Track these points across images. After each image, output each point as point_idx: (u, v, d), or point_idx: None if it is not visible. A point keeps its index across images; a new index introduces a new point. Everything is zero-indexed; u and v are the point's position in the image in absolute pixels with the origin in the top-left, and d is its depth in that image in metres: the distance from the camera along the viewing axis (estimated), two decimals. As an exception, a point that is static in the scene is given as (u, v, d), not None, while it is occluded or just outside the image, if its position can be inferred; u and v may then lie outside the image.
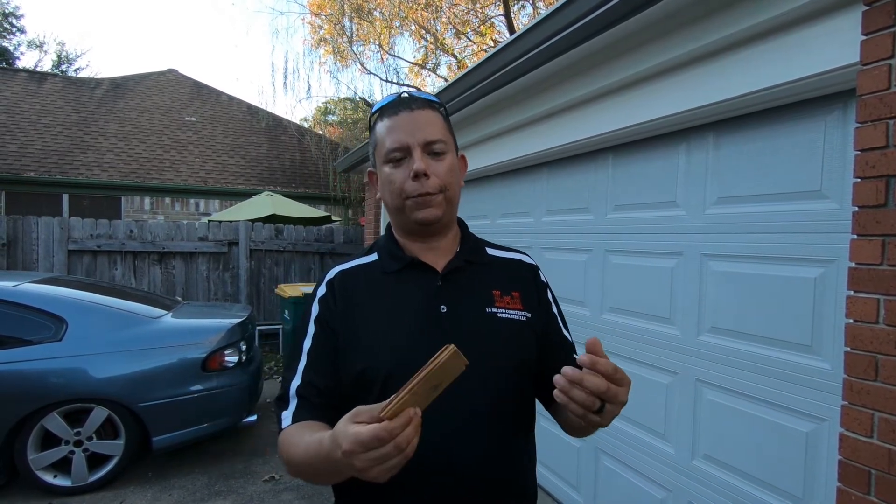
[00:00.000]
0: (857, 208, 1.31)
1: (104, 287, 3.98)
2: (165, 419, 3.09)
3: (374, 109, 0.95)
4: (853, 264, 1.32)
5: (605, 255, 2.42)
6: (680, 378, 1.99)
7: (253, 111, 12.09)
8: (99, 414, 3.00)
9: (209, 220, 6.92)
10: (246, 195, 9.03)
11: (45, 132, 9.14)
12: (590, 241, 2.52)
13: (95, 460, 3.05)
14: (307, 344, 0.90)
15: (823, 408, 1.51)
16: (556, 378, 0.68)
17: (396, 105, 0.90)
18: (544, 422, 2.86)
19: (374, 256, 0.97)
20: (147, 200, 8.96)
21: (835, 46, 1.39)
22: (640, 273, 2.21)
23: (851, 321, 1.32)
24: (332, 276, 0.95)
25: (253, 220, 6.72)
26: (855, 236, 1.32)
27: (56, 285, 3.43)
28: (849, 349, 1.32)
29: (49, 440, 2.97)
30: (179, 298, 5.40)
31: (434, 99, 0.95)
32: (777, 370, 1.64)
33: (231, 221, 6.58)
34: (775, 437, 1.64)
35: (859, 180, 1.31)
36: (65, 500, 2.94)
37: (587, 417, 0.70)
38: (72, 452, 2.98)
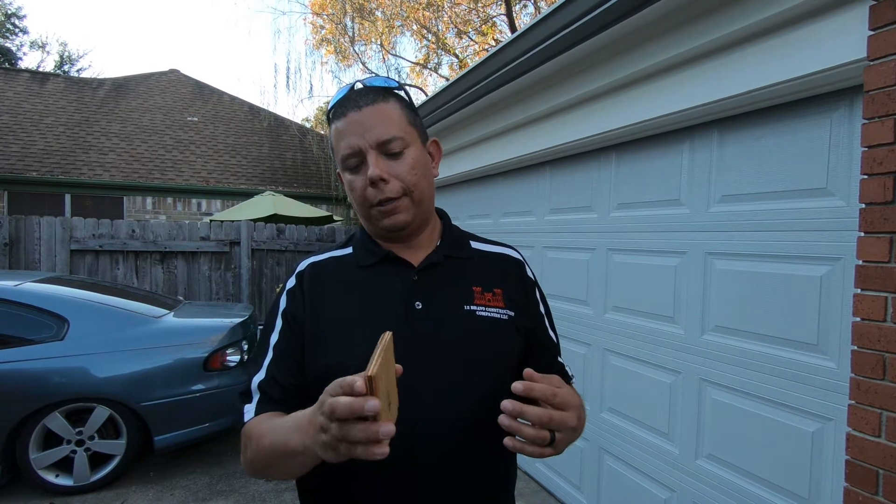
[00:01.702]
0: (864, 205, 1.30)
1: (106, 287, 3.98)
2: (167, 419, 3.08)
3: (328, 107, 0.87)
4: (860, 262, 1.31)
5: (608, 253, 2.41)
6: (684, 377, 1.98)
7: (255, 111, 12.10)
8: (100, 413, 3.00)
9: (211, 220, 6.92)
10: (248, 195, 9.04)
11: (47, 132, 9.16)
12: (593, 239, 2.50)
13: (97, 460, 3.05)
14: (273, 338, 0.86)
15: (829, 407, 1.49)
16: (501, 419, 0.64)
17: (344, 104, 0.83)
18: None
19: (348, 249, 0.92)
20: (149, 200, 8.97)
21: (841, 42, 1.37)
22: (643, 272, 2.19)
23: (858, 319, 1.30)
24: (302, 269, 0.90)
25: (255, 220, 6.71)
26: (862, 234, 1.30)
27: (58, 285, 3.43)
28: (856, 348, 1.31)
29: (51, 440, 2.96)
30: (181, 298, 5.41)
31: (388, 84, 0.86)
32: (782, 369, 1.62)
33: (233, 221, 6.58)
34: (780, 436, 1.63)
35: (866, 177, 1.29)
36: (66, 499, 2.93)
37: (543, 454, 0.67)
38: (73, 452, 2.97)
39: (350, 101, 0.82)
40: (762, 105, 1.69)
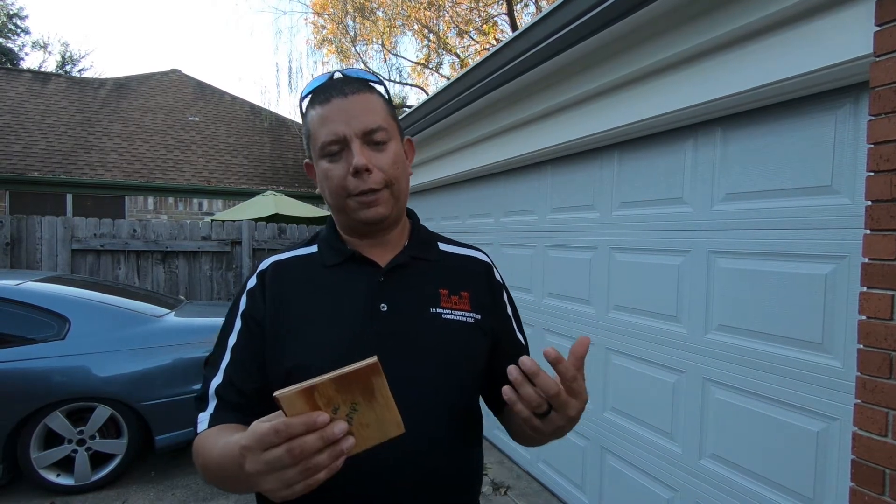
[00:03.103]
0: (870, 203, 1.29)
1: (107, 286, 3.98)
2: (168, 418, 3.08)
3: (303, 92, 0.84)
4: (866, 260, 1.29)
5: (610, 252, 2.40)
6: (687, 377, 1.97)
7: (256, 111, 12.10)
8: (102, 413, 2.99)
9: (212, 220, 6.92)
10: (249, 195, 9.04)
11: (49, 132, 9.17)
12: (595, 238, 2.49)
13: (98, 459, 3.05)
14: (231, 340, 0.82)
15: (834, 406, 1.48)
16: (511, 368, 0.62)
17: (328, 89, 0.80)
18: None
19: (313, 248, 0.89)
20: (150, 200, 8.98)
21: (846, 38, 1.36)
22: (646, 271, 2.18)
23: (864, 318, 1.29)
24: (264, 268, 0.86)
25: (256, 220, 6.71)
26: (868, 231, 1.29)
27: (60, 284, 3.43)
28: (862, 346, 1.30)
29: (52, 439, 2.96)
30: (182, 297, 5.40)
31: (370, 77, 0.85)
32: (787, 368, 1.61)
33: (234, 221, 6.58)
34: (785, 436, 1.62)
35: (872, 174, 1.28)
36: (67, 499, 2.93)
37: (530, 421, 0.64)
38: (74, 451, 2.97)
39: (334, 89, 0.79)
40: (766, 103, 1.68)
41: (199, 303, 4.92)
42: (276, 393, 0.51)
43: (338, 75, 0.84)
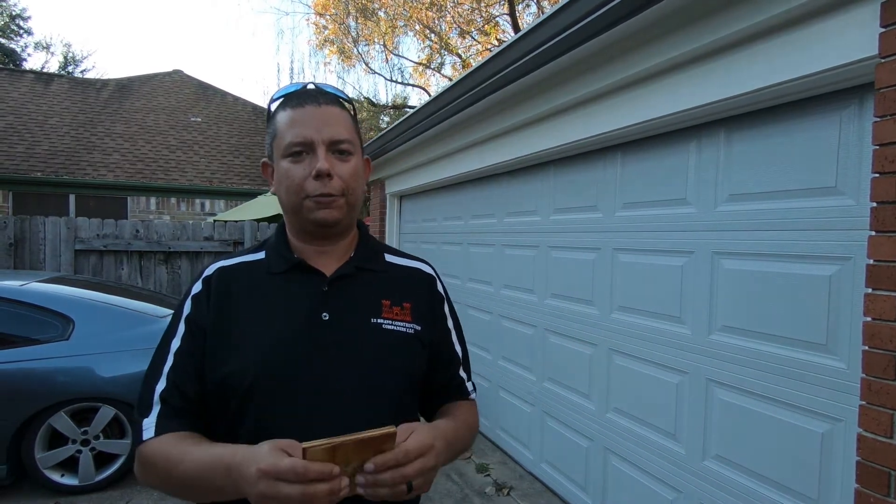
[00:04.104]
0: (875, 204, 1.29)
1: (110, 286, 3.99)
2: (172, 418, 3.08)
3: (275, 96, 0.87)
4: (871, 261, 1.29)
5: (613, 253, 2.40)
6: (690, 377, 1.97)
7: (258, 111, 12.12)
8: (106, 413, 3.00)
9: (215, 220, 6.93)
10: (251, 195, 9.06)
11: (51, 133, 9.20)
12: (598, 239, 2.49)
13: (102, 459, 3.05)
14: (175, 344, 0.83)
15: (839, 408, 1.48)
16: (359, 482, 0.66)
17: (302, 96, 0.83)
18: (551, 421, 2.85)
19: (260, 255, 0.90)
20: (153, 200, 9.00)
21: (851, 39, 1.36)
22: (649, 271, 2.18)
23: (869, 319, 1.29)
24: (209, 273, 0.87)
25: (258, 220, 6.72)
26: (873, 233, 1.29)
27: (63, 285, 3.44)
28: (867, 348, 1.30)
29: (56, 439, 2.97)
30: (185, 298, 5.40)
31: (343, 95, 0.89)
32: (791, 369, 1.61)
33: (236, 221, 6.59)
34: (789, 437, 1.62)
35: (878, 175, 1.28)
36: (72, 499, 2.94)
37: (408, 498, 0.68)
38: (79, 451, 2.98)
39: (308, 96, 0.83)
40: (770, 104, 1.68)
41: (201, 303, 4.91)
42: (305, 445, 0.58)
43: (311, 86, 0.87)
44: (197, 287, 0.86)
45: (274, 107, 0.87)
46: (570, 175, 2.72)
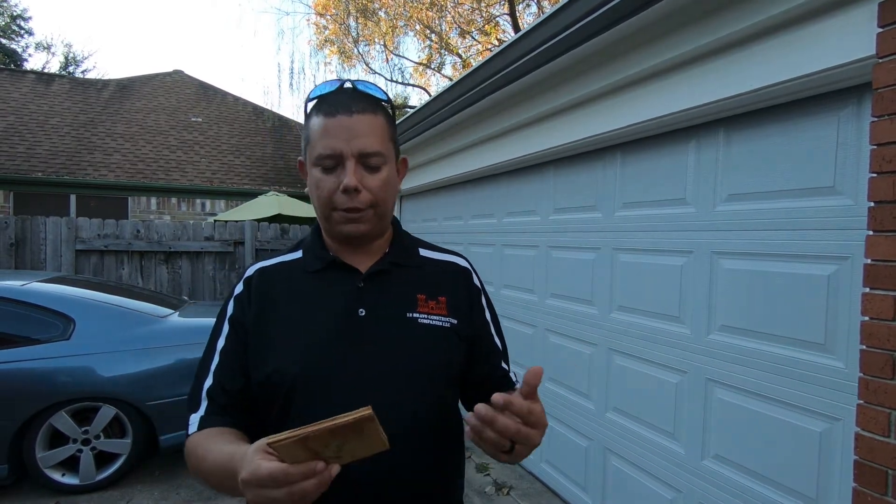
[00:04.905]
0: (872, 204, 1.29)
1: (111, 286, 4.00)
2: (172, 418, 3.09)
3: (311, 94, 0.86)
4: (869, 261, 1.30)
5: (613, 253, 2.40)
6: (690, 377, 1.97)
7: (258, 111, 12.13)
8: (106, 412, 3.01)
9: (215, 220, 6.94)
10: (251, 195, 9.06)
11: (52, 133, 9.21)
12: (598, 239, 2.50)
13: (103, 459, 3.06)
14: (220, 343, 0.86)
15: (837, 407, 1.48)
16: (468, 418, 0.65)
17: (335, 103, 0.81)
18: (551, 420, 2.85)
19: (298, 254, 0.92)
20: (153, 200, 9.01)
21: (849, 40, 1.36)
22: (649, 271, 2.19)
23: (867, 319, 1.30)
24: (250, 274, 0.90)
25: (259, 220, 6.73)
26: (871, 232, 1.29)
27: (64, 285, 3.45)
28: (864, 347, 1.30)
29: (57, 439, 2.98)
30: (186, 298, 5.42)
31: (379, 95, 0.86)
32: (789, 369, 1.61)
33: (237, 221, 6.60)
34: (788, 436, 1.62)
35: (875, 175, 1.29)
36: (73, 498, 2.94)
37: (497, 457, 0.68)
38: (80, 451, 2.98)
39: (341, 103, 0.81)
40: (769, 104, 1.68)
41: (202, 303, 4.93)
42: (269, 440, 0.55)
43: (348, 86, 0.85)
44: (239, 288, 0.89)
45: (310, 107, 0.85)
46: (570, 175, 2.73)
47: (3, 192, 8.09)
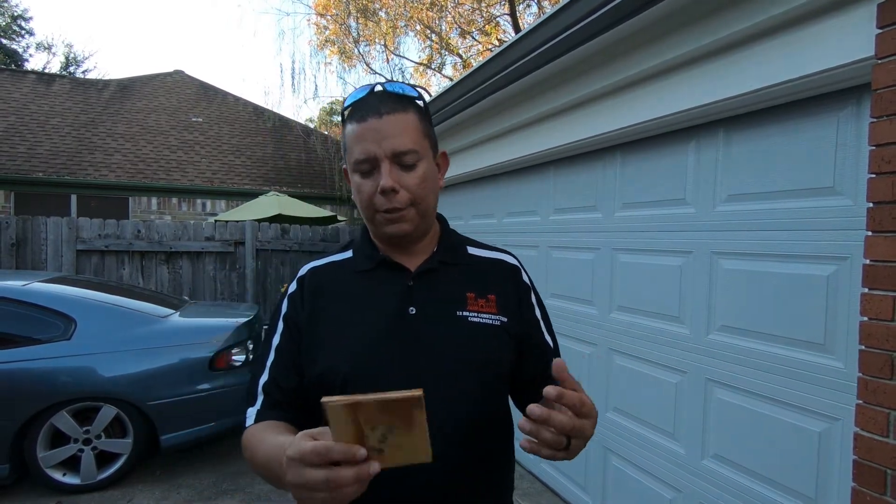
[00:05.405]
0: (871, 204, 1.30)
1: (112, 286, 4.01)
2: (173, 418, 3.10)
3: (346, 103, 0.86)
4: (868, 261, 1.30)
5: (613, 253, 2.41)
6: (689, 377, 1.98)
7: (259, 112, 12.14)
8: (107, 412, 3.01)
9: (216, 220, 6.94)
10: (252, 195, 9.06)
11: (53, 133, 9.22)
12: (598, 239, 2.50)
13: (104, 458, 3.07)
14: (276, 340, 0.88)
15: (836, 407, 1.48)
16: (521, 423, 0.64)
17: (365, 107, 0.82)
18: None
19: (348, 254, 0.94)
20: (154, 200, 9.01)
21: (848, 40, 1.37)
22: (648, 271, 2.19)
23: (866, 319, 1.30)
24: (303, 273, 0.92)
25: (259, 220, 6.73)
26: (870, 233, 1.30)
27: (65, 285, 3.45)
28: (863, 347, 1.31)
29: (58, 438, 2.98)
30: (186, 298, 5.43)
31: (409, 93, 0.85)
32: (789, 369, 1.62)
33: (237, 221, 6.60)
34: (787, 436, 1.62)
35: (874, 176, 1.29)
36: (74, 497, 2.95)
37: (554, 456, 0.66)
38: (81, 450, 2.99)
39: (371, 106, 0.81)
40: (768, 104, 1.69)
41: (203, 303, 4.94)
42: (324, 399, 0.55)
43: (378, 89, 0.84)
44: (293, 287, 0.91)
45: (346, 115, 0.86)
46: (570, 175, 2.73)
47: (3, 192, 8.10)
